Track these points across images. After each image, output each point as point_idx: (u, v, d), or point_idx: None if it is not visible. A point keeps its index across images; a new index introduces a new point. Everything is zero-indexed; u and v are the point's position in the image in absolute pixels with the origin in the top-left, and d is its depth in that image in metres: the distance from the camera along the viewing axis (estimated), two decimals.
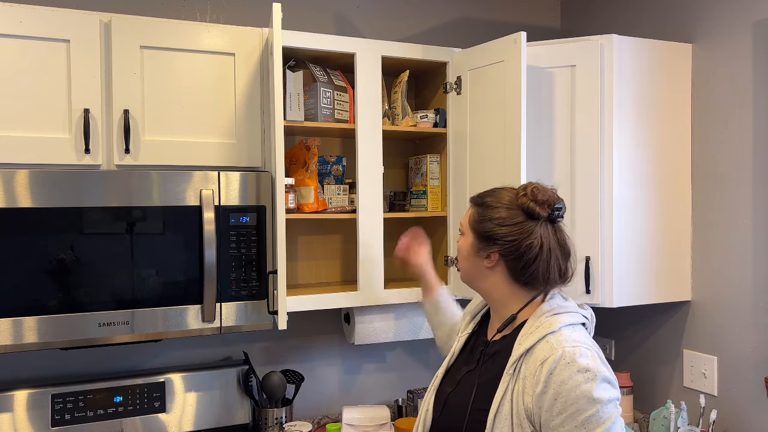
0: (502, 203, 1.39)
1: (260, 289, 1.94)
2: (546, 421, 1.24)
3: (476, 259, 1.42)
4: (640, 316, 2.46)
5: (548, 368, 1.24)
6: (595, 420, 1.21)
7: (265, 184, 1.94)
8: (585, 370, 1.23)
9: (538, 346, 1.29)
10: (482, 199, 1.44)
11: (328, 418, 2.43)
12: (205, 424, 2.18)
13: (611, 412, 1.23)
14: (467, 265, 1.46)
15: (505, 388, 1.30)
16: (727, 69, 2.13)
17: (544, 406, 1.24)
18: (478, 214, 1.42)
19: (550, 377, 1.24)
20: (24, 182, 1.69)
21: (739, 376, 2.10)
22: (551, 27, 2.84)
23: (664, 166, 2.20)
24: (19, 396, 1.97)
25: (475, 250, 1.42)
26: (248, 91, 1.99)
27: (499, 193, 1.43)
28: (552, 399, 1.23)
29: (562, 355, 1.24)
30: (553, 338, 1.29)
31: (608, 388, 1.25)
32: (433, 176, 2.32)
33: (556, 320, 1.33)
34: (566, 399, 1.22)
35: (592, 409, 1.21)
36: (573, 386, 1.22)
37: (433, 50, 2.23)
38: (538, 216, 1.36)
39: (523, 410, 1.27)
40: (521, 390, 1.28)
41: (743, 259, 2.08)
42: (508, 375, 1.31)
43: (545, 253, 1.36)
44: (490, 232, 1.38)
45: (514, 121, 1.95)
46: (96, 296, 1.77)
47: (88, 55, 1.81)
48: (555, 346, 1.27)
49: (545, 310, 1.36)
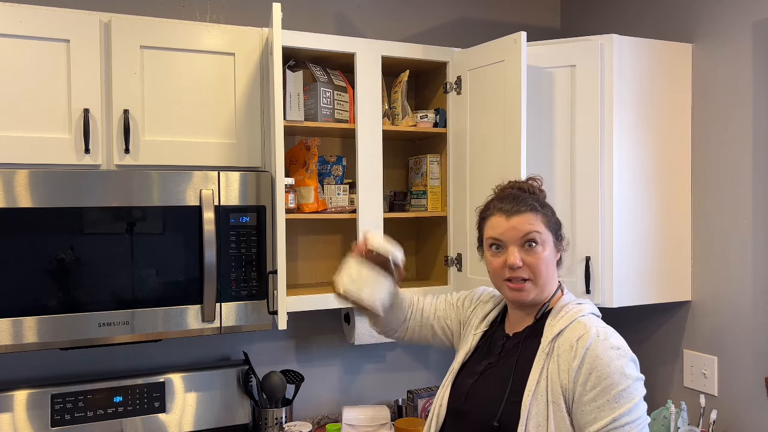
0: (541, 192, 1.47)
1: (260, 289, 1.94)
2: (579, 396, 1.28)
3: (554, 258, 1.43)
4: (640, 316, 2.46)
5: (584, 343, 1.30)
6: (627, 395, 1.26)
7: (265, 184, 1.94)
8: (617, 347, 1.29)
9: (571, 327, 1.35)
10: (536, 201, 1.43)
11: (328, 418, 2.43)
12: (205, 424, 2.18)
13: (639, 389, 1.28)
14: (551, 271, 1.41)
15: (541, 367, 1.34)
16: (727, 69, 2.13)
17: (579, 381, 1.28)
18: (547, 216, 1.43)
19: (586, 352, 1.29)
20: (24, 182, 1.69)
21: (739, 376, 2.10)
22: (551, 27, 2.84)
23: (664, 166, 2.20)
24: (19, 396, 1.97)
25: (554, 249, 1.42)
26: (248, 91, 1.99)
27: (528, 189, 1.47)
28: (587, 373, 1.28)
29: (597, 333, 1.31)
30: (585, 320, 1.36)
31: (635, 367, 1.31)
32: (433, 176, 2.32)
33: (582, 308, 1.40)
34: (600, 373, 1.26)
35: (624, 384, 1.26)
36: (608, 361, 1.27)
37: (433, 50, 2.23)
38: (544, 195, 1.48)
39: (559, 387, 1.31)
40: (557, 368, 1.32)
41: (743, 259, 2.08)
42: (543, 354, 1.35)
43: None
44: (557, 224, 1.45)
45: (514, 121, 1.95)
46: (96, 296, 1.77)
47: (88, 55, 1.81)
48: (588, 326, 1.33)
49: (568, 300, 1.43)
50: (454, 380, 1.50)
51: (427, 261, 2.48)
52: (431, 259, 2.44)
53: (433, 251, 2.43)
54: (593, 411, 1.26)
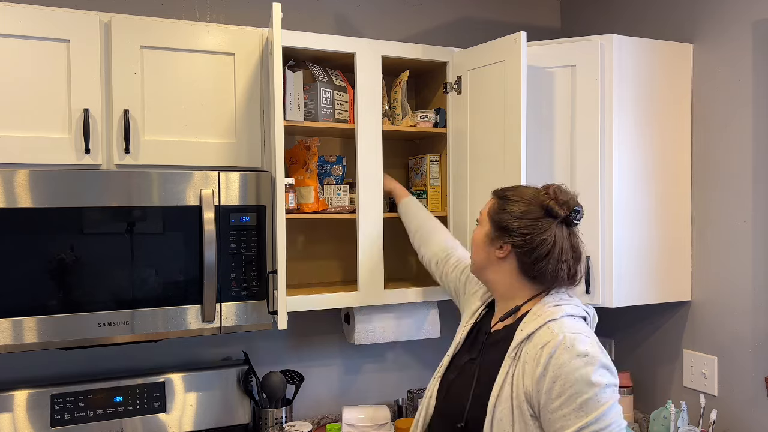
0: (523, 198, 1.44)
1: (260, 289, 1.94)
2: (545, 404, 1.27)
3: (489, 249, 1.46)
4: (640, 316, 2.46)
5: (548, 351, 1.28)
6: (593, 403, 1.24)
7: (265, 184, 1.94)
8: (584, 354, 1.26)
9: (539, 332, 1.33)
10: (505, 191, 1.49)
11: (328, 418, 2.43)
12: (205, 424, 2.18)
13: (609, 396, 1.26)
14: (479, 255, 1.50)
15: (506, 371, 1.34)
16: (727, 69, 2.13)
17: (543, 389, 1.27)
18: (499, 205, 1.47)
19: (550, 360, 1.27)
20: (24, 182, 1.69)
21: (739, 376, 2.10)
22: (551, 27, 2.84)
23: (664, 166, 2.20)
24: (19, 396, 1.97)
25: (489, 240, 1.46)
26: (248, 91, 1.99)
27: (522, 188, 1.50)
28: (551, 382, 1.26)
29: (562, 339, 1.28)
30: (555, 324, 1.33)
31: (606, 374, 1.28)
32: (433, 176, 2.32)
33: (558, 309, 1.37)
34: (565, 382, 1.25)
35: (590, 393, 1.24)
36: (572, 369, 1.25)
37: (433, 50, 2.23)
38: (555, 215, 1.41)
39: (523, 393, 1.30)
40: (521, 373, 1.31)
41: (743, 259, 2.08)
42: (510, 358, 1.34)
43: (557, 252, 1.40)
44: (507, 223, 1.42)
45: (514, 120, 1.95)
46: (96, 296, 1.77)
47: (88, 55, 1.81)
48: (556, 332, 1.31)
49: (548, 301, 1.41)
50: (443, 375, 1.53)
51: None
52: None
53: None
54: (560, 419, 1.25)
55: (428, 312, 2.34)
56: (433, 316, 2.35)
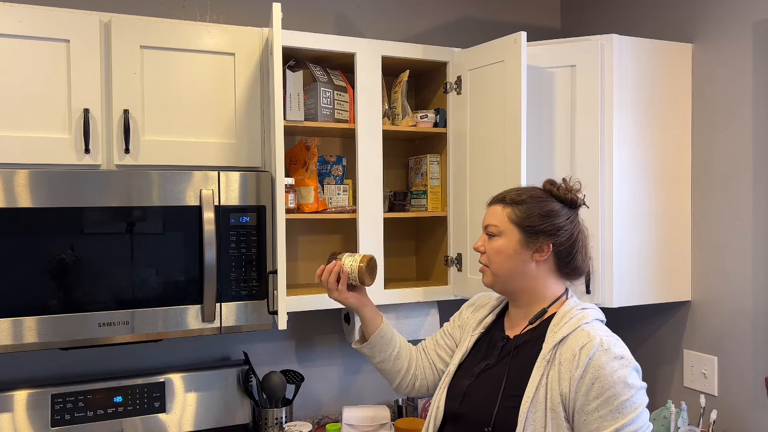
0: (538, 197, 1.45)
1: (260, 289, 1.94)
2: (582, 406, 1.28)
3: (524, 255, 1.43)
4: (640, 316, 2.46)
5: (587, 353, 1.30)
6: (630, 405, 1.26)
7: (265, 184, 1.94)
8: (620, 357, 1.30)
9: (574, 334, 1.35)
10: (518, 197, 1.46)
11: (328, 418, 2.43)
12: (205, 424, 2.18)
13: (642, 399, 1.29)
14: (507, 265, 1.45)
15: (541, 374, 1.34)
16: (727, 69, 2.13)
17: (581, 390, 1.28)
18: (521, 211, 1.44)
19: (589, 362, 1.29)
20: (24, 182, 1.69)
21: (739, 376, 2.10)
22: (551, 27, 2.84)
23: (664, 167, 2.20)
24: (19, 396, 1.97)
25: (522, 247, 1.43)
26: (248, 91, 1.99)
27: (527, 189, 1.49)
28: (590, 383, 1.28)
29: (600, 342, 1.31)
30: (589, 327, 1.36)
31: (638, 376, 1.32)
32: (433, 176, 2.32)
33: (587, 313, 1.40)
34: (603, 384, 1.27)
35: (627, 394, 1.27)
36: (611, 371, 1.27)
37: (433, 50, 2.23)
38: (579, 204, 1.46)
39: (558, 395, 1.31)
40: (557, 376, 1.32)
41: (743, 259, 2.08)
42: (544, 361, 1.35)
43: (583, 241, 1.45)
44: (538, 225, 1.42)
45: (514, 121, 1.95)
46: (96, 296, 1.77)
47: (88, 55, 1.81)
48: (592, 335, 1.33)
49: (572, 305, 1.43)
50: (451, 382, 1.51)
51: (427, 261, 2.48)
52: (431, 259, 2.44)
53: (433, 251, 2.43)
54: (596, 421, 1.27)
55: (428, 312, 2.34)
56: (433, 316, 2.35)
